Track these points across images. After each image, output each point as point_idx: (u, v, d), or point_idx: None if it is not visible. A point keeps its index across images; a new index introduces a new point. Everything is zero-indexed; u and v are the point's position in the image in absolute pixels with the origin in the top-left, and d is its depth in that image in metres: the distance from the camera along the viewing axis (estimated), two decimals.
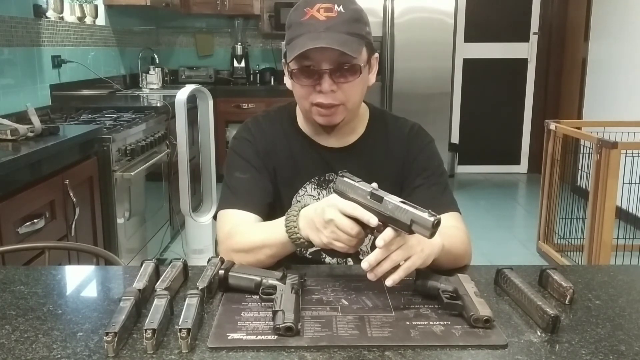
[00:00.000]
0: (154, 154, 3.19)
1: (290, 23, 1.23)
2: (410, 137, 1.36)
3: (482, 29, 5.84)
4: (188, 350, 0.86)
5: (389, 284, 1.00)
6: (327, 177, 1.33)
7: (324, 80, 1.19)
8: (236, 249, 1.18)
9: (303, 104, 1.27)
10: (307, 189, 1.33)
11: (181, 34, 5.75)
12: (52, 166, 2.19)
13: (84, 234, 2.43)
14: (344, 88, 1.21)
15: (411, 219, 0.96)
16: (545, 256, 3.57)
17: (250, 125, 1.37)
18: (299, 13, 1.21)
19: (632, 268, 1.42)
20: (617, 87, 4.60)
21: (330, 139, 1.34)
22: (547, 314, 0.94)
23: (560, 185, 3.49)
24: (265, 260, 1.16)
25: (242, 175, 1.30)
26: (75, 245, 2.07)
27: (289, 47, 1.21)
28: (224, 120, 5.23)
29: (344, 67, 1.19)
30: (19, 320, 0.97)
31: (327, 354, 0.87)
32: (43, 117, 2.68)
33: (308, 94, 1.23)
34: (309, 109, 1.26)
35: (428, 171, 1.33)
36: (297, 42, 1.18)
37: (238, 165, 1.32)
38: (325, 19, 1.17)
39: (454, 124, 5.86)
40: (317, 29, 1.17)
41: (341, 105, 1.23)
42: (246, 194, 1.28)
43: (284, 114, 1.39)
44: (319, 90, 1.21)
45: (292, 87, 1.28)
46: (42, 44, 3.29)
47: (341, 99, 1.22)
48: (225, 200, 1.30)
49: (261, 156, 1.32)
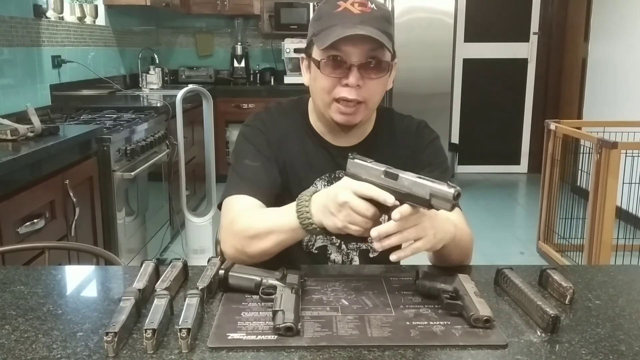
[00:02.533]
0: (154, 154, 3.19)
1: (321, 14, 1.22)
2: (417, 134, 1.36)
3: (482, 29, 5.84)
4: (188, 350, 0.86)
5: (393, 258, 0.99)
6: (337, 174, 1.32)
7: (352, 73, 1.18)
8: (241, 235, 1.14)
9: (324, 98, 1.23)
10: (318, 186, 1.32)
11: (181, 34, 5.75)
12: (52, 166, 2.18)
13: (84, 234, 2.42)
14: (368, 85, 1.20)
15: (430, 193, 0.95)
16: (545, 256, 3.57)
17: (263, 115, 1.35)
18: (331, 5, 1.20)
19: (632, 268, 1.42)
20: (617, 87, 4.60)
21: (340, 138, 1.33)
22: (547, 314, 0.94)
23: (560, 185, 3.49)
24: (272, 247, 1.12)
25: (252, 163, 1.28)
26: (75, 245, 2.07)
27: (319, 37, 1.19)
28: (224, 120, 5.24)
29: (373, 63, 1.19)
30: (19, 320, 0.97)
31: (327, 354, 0.87)
32: (43, 117, 2.68)
33: (332, 87, 1.21)
34: (330, 104, 1.23)
35: (432, 166, 1.32)
36: (330, 32, 1.16)
37: (248, 152, 1.30)
38: (360, 13, 1.17)
39: (454, 124, 5.86)
40: (351, 21, 1.16)
41: (363, 104, 1.22)
42: (255, 182, 1.25)
43: (296, 108, 1.37)
44: (345, 84, 1.19)
45: (314, 81, 1.25)
46: (42, 44, 3.29)
47: (364, 96, 1.21)
48: (232, 186, 1.26)
49: (273, 147, 1.31)
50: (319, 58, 1.20)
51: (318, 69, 1.21)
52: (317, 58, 1.21)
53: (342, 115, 1.23)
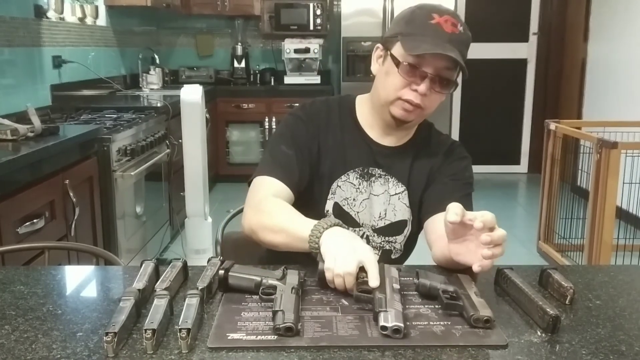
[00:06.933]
0: (154, 154, 3.19)
1: (414, 19, 1.29)
2: (449, 149, 1.44)
3: (482, 30, 5.80)
4: (188, 350, 0.86)
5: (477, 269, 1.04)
6: (369, 170, 1.39)
7: (425, 82, 1.26)
8: (260, 218, 1.23)
9: (390, 93, 1.30)
10: (350, 177, 1.38)
11: (181, 34, 5.75)
12: (52, 166, 2.18)
13: (84, 234, 2.42)
14: (432, 96, 1.29)
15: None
16: (545, 256, 3.57)
17: (308, 106, 1.43)
18: (425, 15, 1.27)
19: (632, 268, 1.42)
20: (617, 87, 4.60)
21: (382, 137, 1.40)
22: (547, 314, 0.94)
23: (560, 185, 3.49)
24: (279, 244, 1.21)
25: (288, 150, 1.35)
26: (75, 245, 2.07)
27: (408, 41, 1.26)
28: (224, 120, 5.24)
29: (444, 80, 1.29)
30: (19, 321, 0.97)
31: (327, 354, 0.87)
32: (43, 117, 2.68)
33: (401, 87, 1.29)
34: (393, 99, 1.30)
35: (457, 175, 1.40)
36: (421, 42, 1.24)
37: (286, 139, 1.37)
38: (450, 32, 1.25)
39: (454, 124, 5.86)
40: (442, 37, 1.25)
41: (420, 110, 1.31)
42: (288, 168, 1.33)
43: (343, 103, 1.44)
44: (414, 89, 1.27)
45: (385, 75, 1.32)
46: (42, 44, 3.29)
47: (426, 104, 1.30)
48: (266, 166, 1.34)
49: (310, 137, 1.37)
50: (401, 59, 1.27)
51: (396, 68, 1.28)
52: (398, 58, 1.28)
53: (402, 111, 1.31)
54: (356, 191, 1.38)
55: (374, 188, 1.39)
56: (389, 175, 1.39)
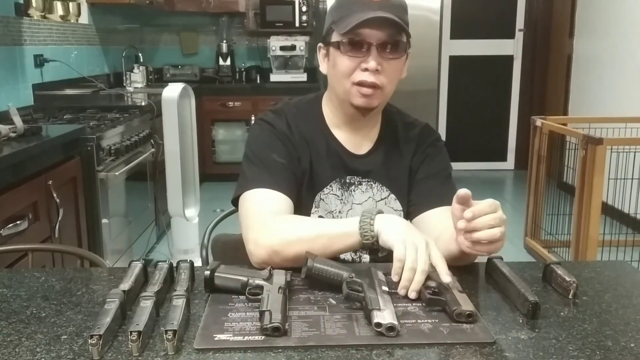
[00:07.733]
0: (139, 153, 3.16)
1: (340, 3, 1.28)
2: (420, 134, 1.42)
3: (468, 26, 5.85)
4: (174, 352, 0.85)
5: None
6: (347, 179, 1.36)
7: (371, 54, 1.22)
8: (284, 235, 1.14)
9: (344, 83, 1.27)
10: (333, 188, 1.35)
11: (165, 32, 5.70)
12: (35, 167, 2.16)
13: (68, 235, 2.40)
14: (386, 70, 1.24)
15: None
16: (532, 252, 3.59)
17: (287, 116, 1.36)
18: None
19: (618, 263, 1.43)
20: (602, 83, 4.63)
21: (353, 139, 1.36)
22: (527, 300, 0.97)
23: (546, 181, 3.51)
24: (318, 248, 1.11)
25: (280, 160, 1.29)
26: (59, 247, 2.05)
27: (339, 23, 1.24)
28: (210, 119, 5.21)
29: (391, 44, 1.24)
30: (2, 324, 0.95)
31: (315, 353, 0.86)
32: (25, 117, 2.65)
33: (352, 71, 1.25)
34: (349, 89, 1.26)
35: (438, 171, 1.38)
36: (350, 17, 1.22)
37: (276, 147, 1.31)
38: (379, 1, 1.23)
39: (441, 121, 5.87)
40: (371, 7, 1.22)
41: (379, 90, 1.26)
42: (285, 178, 1.27)
43: (312, 109, 1.39)
44: (364, 69, 1.23)
45: (333, 67, 1.29)
46: (24, 43, 3.25)
47: (382, 81, 1.25)
48: (259, 178, 1.25)
49: (296, 148, 1.33)
50: (340, 39, 1.24)
51: (338, 50, 1.25)
52: (339, 39, 1.25)
53: (361, 98, 1.26)
54: (340, 202, 1.35)
55: (355, 197, 1.36)
56: (370, 180, 1.37)
